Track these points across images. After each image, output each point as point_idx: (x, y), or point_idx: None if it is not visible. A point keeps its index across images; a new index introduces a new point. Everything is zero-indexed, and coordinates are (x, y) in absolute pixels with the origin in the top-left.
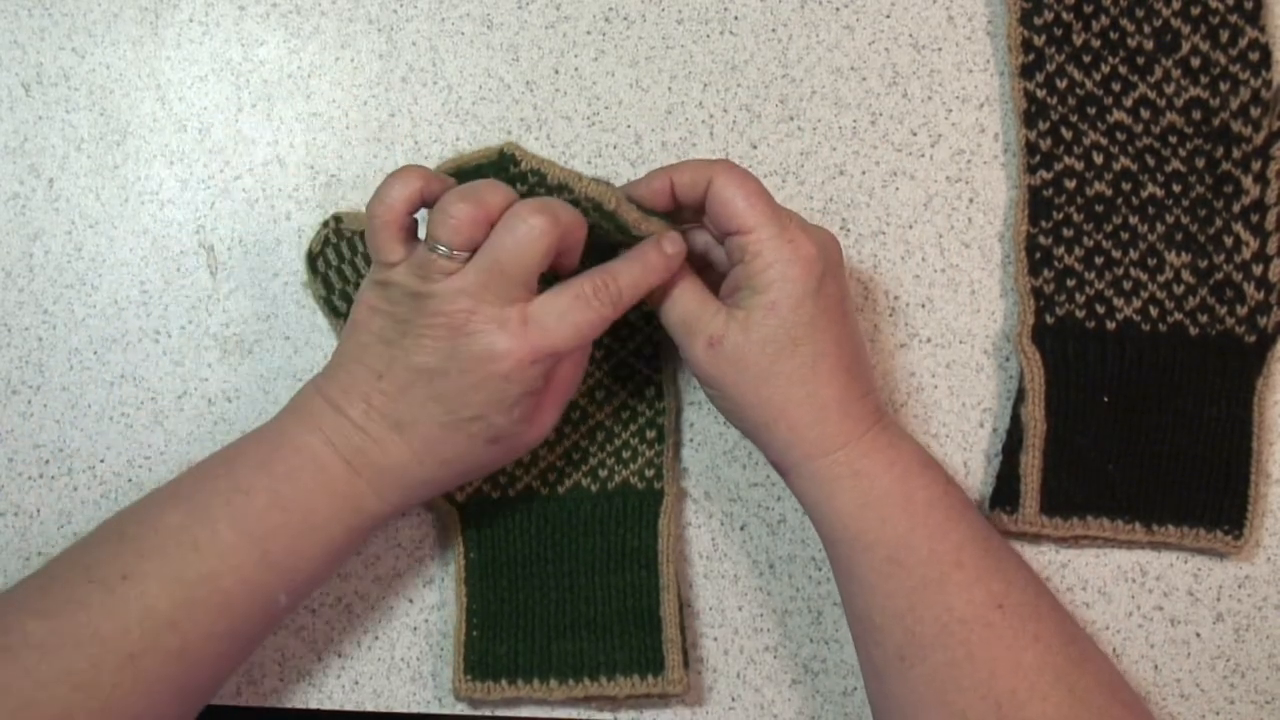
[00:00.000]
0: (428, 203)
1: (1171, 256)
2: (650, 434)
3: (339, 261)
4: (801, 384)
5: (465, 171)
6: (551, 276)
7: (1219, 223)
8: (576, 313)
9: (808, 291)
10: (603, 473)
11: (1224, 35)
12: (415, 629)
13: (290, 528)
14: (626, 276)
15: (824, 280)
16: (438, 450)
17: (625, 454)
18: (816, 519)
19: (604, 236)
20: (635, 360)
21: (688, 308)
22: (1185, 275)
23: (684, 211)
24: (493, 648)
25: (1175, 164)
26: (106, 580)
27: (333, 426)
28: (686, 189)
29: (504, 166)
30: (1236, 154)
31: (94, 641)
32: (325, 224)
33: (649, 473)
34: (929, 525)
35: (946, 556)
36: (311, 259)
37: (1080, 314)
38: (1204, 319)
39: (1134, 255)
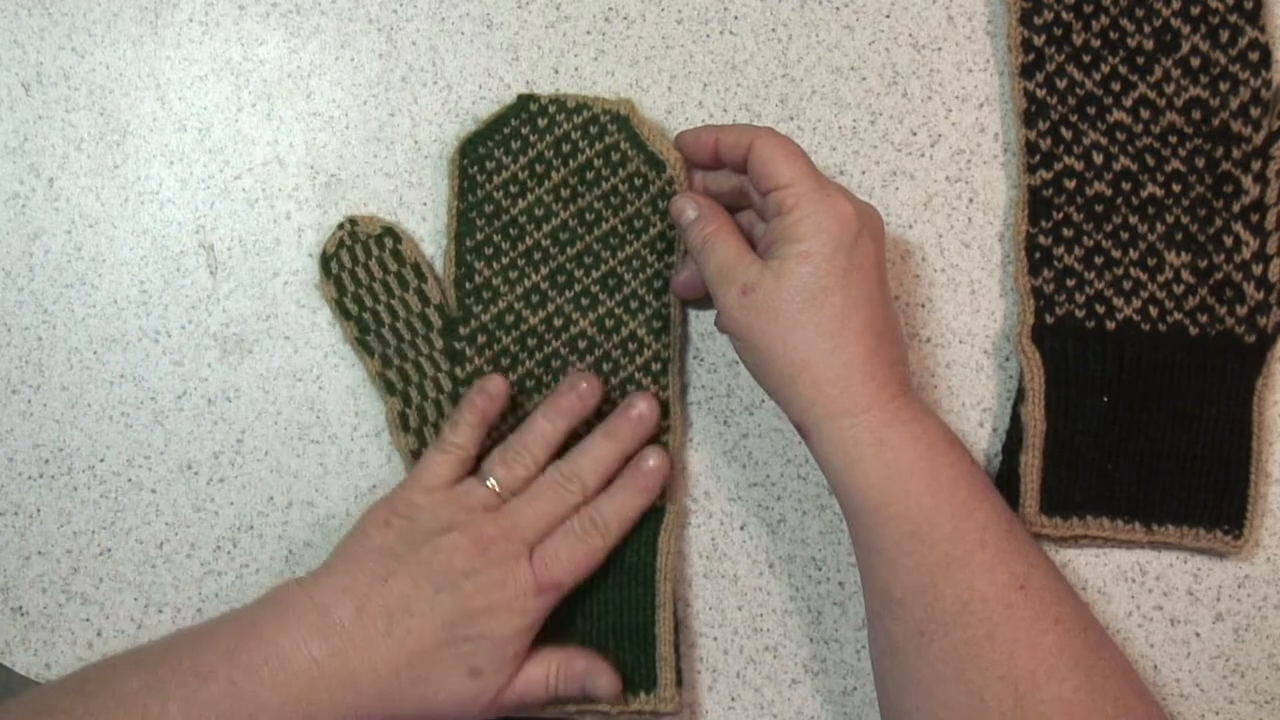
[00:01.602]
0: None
1: (1171, 256)
2: None
3: (353, 264)
4: (829, 336)
5: (489, 129)
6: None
7: (1219, 222)
8: (572, 547)
9: (842, 245)
10: None
11: (1224, 35)
12: None
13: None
14: (610, 507)
15: (860, 239)
16: (419, 665)
17: None
18: (838, 487)
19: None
20: (642, 376)
21: (725, 258)
22: (1185, 275)
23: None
24: None
25: (1175, 164)
26: None
27: (311, 626)
28: (730, 148)
29: (522, 110)
30: (1236, 154)
31: None
32: (341, 226)
33: None
34: (953, 503)
35: (970, 535)
36: (325, 261)
37: (1080, 314)
38: (1204, 319)
39: (1134, 255)
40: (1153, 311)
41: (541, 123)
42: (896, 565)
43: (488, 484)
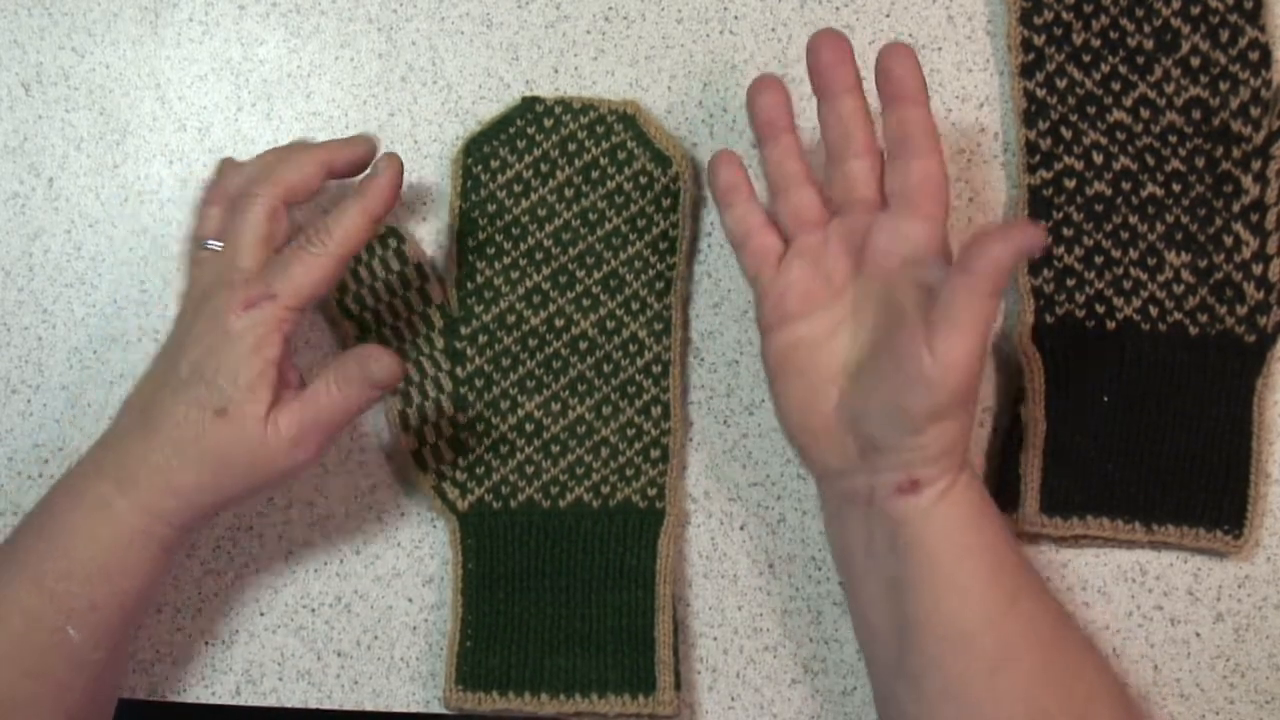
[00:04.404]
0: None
1: (1171, 256)
2: (654, 453)
3: (354, 264)
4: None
5: (493, 129)
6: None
7: (1219, 222)
8: (291, 259)
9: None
10: (605, 489)
11: (1224, 35)
12: (415, 629)
13: (53, 553)
14: (334, 216)
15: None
16: (161, 422)
17: (629, 471)
18: (925, 537)
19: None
20: (643, 378)
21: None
22: (1185, 275)
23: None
24: (485, 659)
25: (1175, 163)
26: None
27: (94, 446)
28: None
29: (527, 111)
30: (1236, 153)
31: None
32: None
33: (651, 492)
34: (1008, 533)
35: (1026, 565)
36: None
37: (1080, 314)
38: (1204, 318)
39: (1134, 255)
40: (1153, 311)
41: (547, 123)
42: (973, 596)
43: (206, 246)
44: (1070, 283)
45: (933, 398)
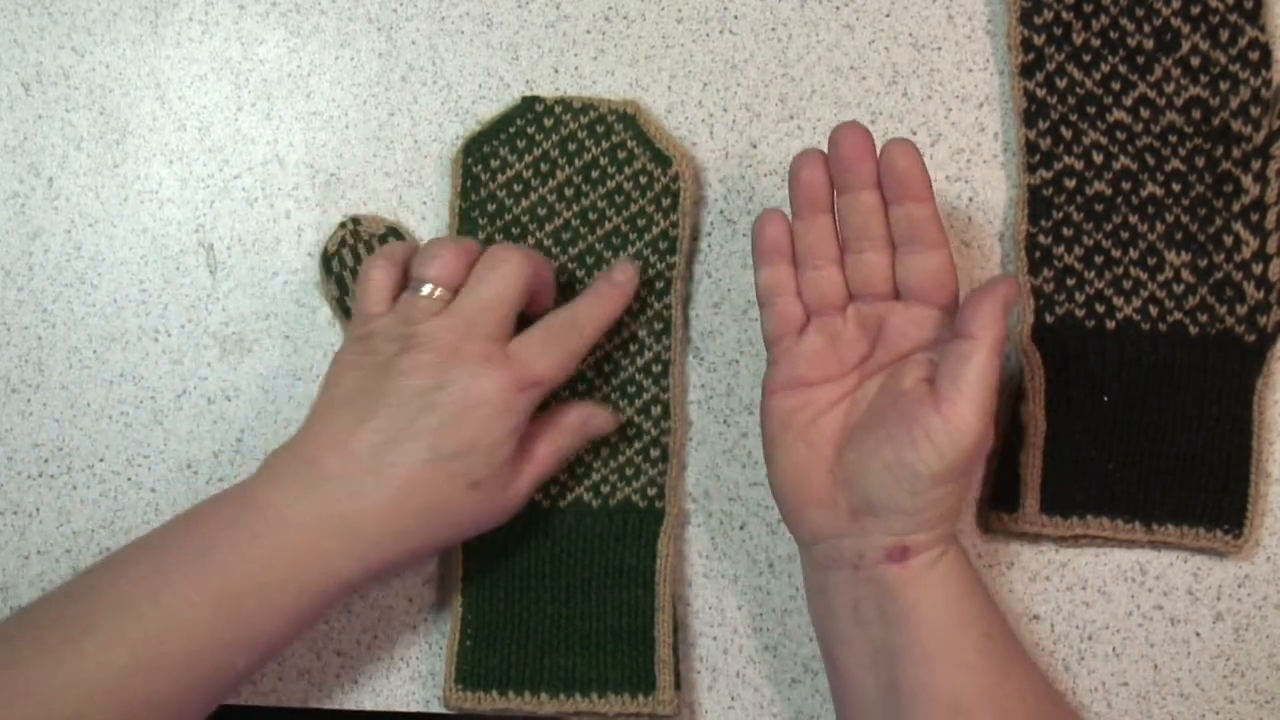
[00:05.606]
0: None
1: (1171, 256)
2: (655, 453)
3: (355, 263)
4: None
5: (493, 129)
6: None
7: (1219, 222)
8: (549, 346)
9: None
10: (605, 489)
11: (1224, 34)
12: (415, 628)
13: (250, 589)
14: (584, 311)
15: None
16: (416, 495)
17: (629, 471)
18: (918, 606)
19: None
20: (644, 378)
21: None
22: (1185, 274)
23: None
24: (485, 658)
25: (1175, 163)
26: (68, 631)
27: (305, 483)
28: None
29: (526, 111)
30: (1236, 153)
31: (47, 692)
32: (343, 225)
33: (651, 491)
34: (995, 605)
35: (1014, 636)
36: (326, 259)
37: (1080, 313)
38: (1204, 318)
39: (1134, 254)
40: (1153, 311)
41: (548, 122)
42: (971, 668)
43: (423, 292)
44: (1070, 282)
45: (942, 460)
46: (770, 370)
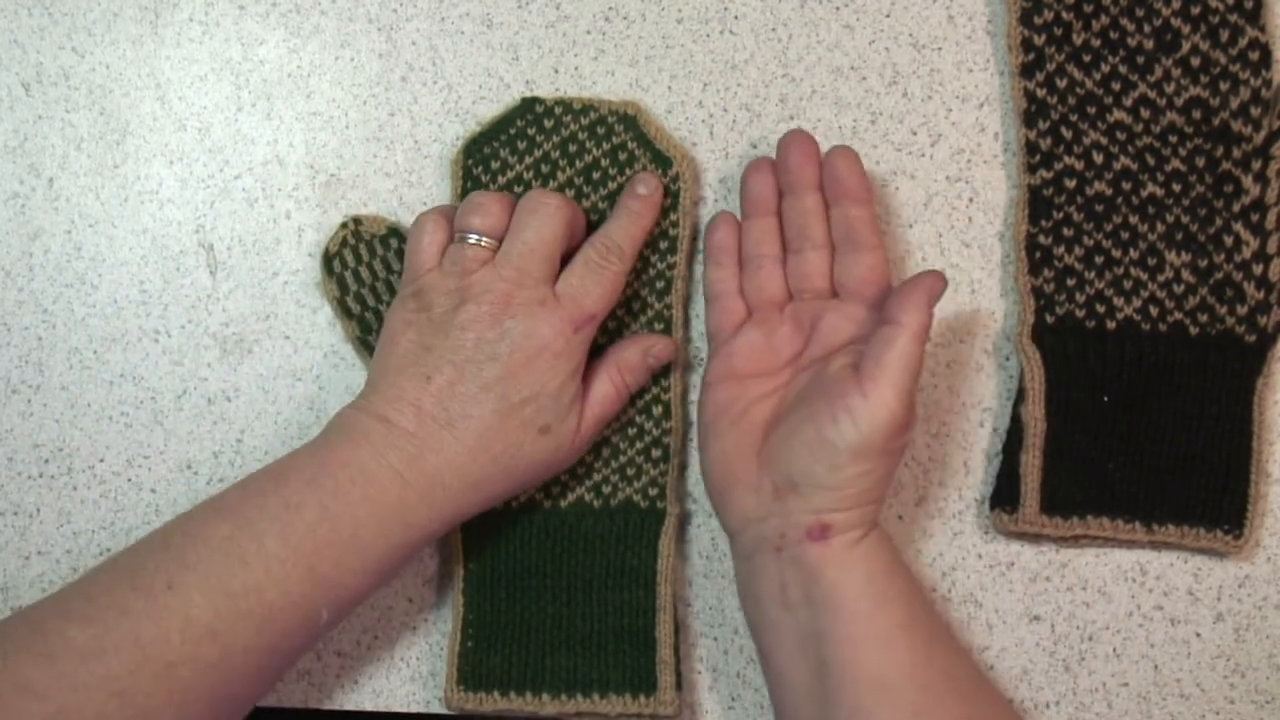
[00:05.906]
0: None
1: (1171, 256)
2: (656, 453)
3: (356, 263)
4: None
5: (493, 130)
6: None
7: (1219, 222)
8: (593, 277)
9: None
10: (606, 489)
11: (1224, 35)
12: (415, 629)
13: (337, 543)
14: (619, 231)
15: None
16: (491, 443)
17: (630, 471)
18: (840, 586)
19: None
20: None
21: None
22: (1185, 274)
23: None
24: (487, 659)
25: (1175, 163)
26: (150, 589)
27: (383, 439)
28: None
29: (526, 112)
30: (1236, 153)
31: (134, 649)
32: (344, 225)
33: (652, 491)
34: (920, 587)
35: (939, 618)
36: (328, 259)
37: (1080, 313)
38: (1204, 318)
39: (1134, 255)
40: (1153, 311)
41: (548, 124)
42: (895, 646)
43: (470, 240)
44: (1070, 283)
45: (859, 433)
46: (709, 363)
